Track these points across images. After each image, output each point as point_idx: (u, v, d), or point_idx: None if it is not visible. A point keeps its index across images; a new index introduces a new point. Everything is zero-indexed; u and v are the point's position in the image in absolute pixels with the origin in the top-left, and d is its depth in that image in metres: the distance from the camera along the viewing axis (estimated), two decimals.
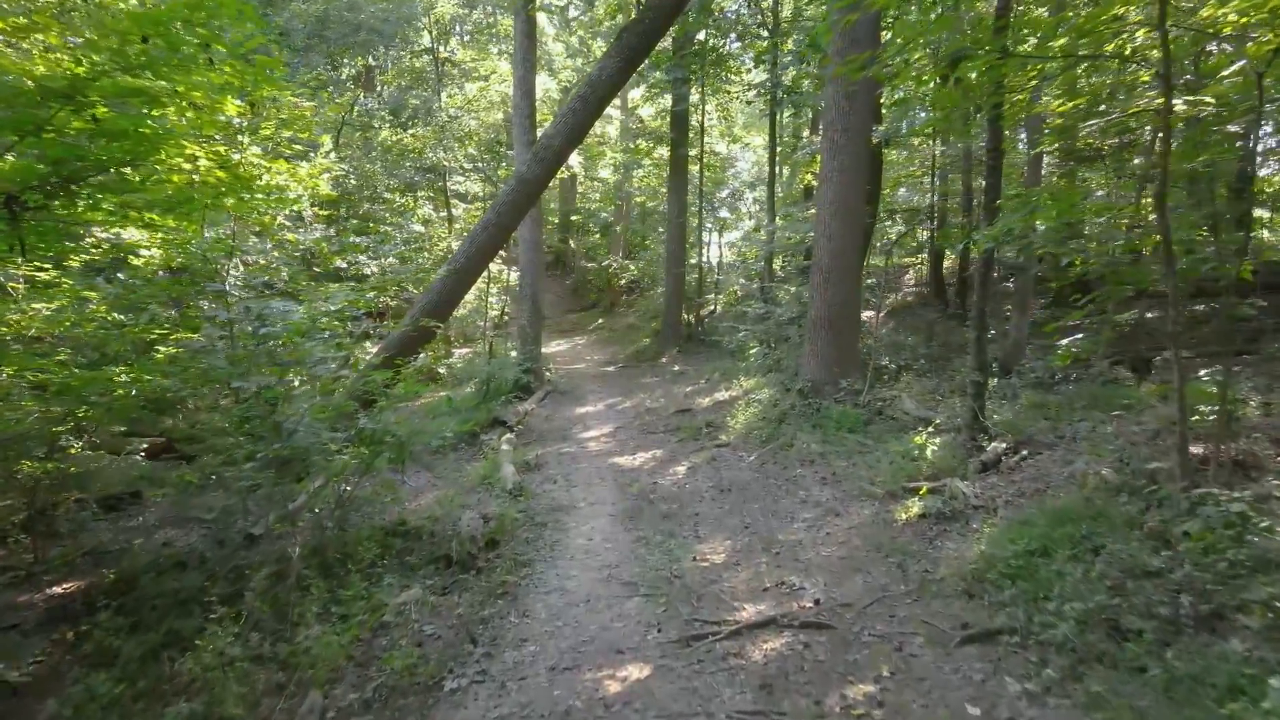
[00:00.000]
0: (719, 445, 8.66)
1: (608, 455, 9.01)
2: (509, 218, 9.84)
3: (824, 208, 8.87)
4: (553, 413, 11.83)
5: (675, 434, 9.69)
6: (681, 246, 18.24)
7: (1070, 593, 3.98)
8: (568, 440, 9.97)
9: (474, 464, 8.99)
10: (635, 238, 25.36)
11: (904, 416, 8.17)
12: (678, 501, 7.08)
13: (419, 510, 7.68)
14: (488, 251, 9.97)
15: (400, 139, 15.90)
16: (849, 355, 8.97)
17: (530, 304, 13.41)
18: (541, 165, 9.73)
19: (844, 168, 8.71)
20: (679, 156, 17.77)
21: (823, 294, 8.88)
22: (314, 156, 11.11)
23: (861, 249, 9.35)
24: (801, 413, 8.66)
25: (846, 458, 7.56)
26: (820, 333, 8.88)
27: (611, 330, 22.45)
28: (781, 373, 11.95)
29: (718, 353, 16.65)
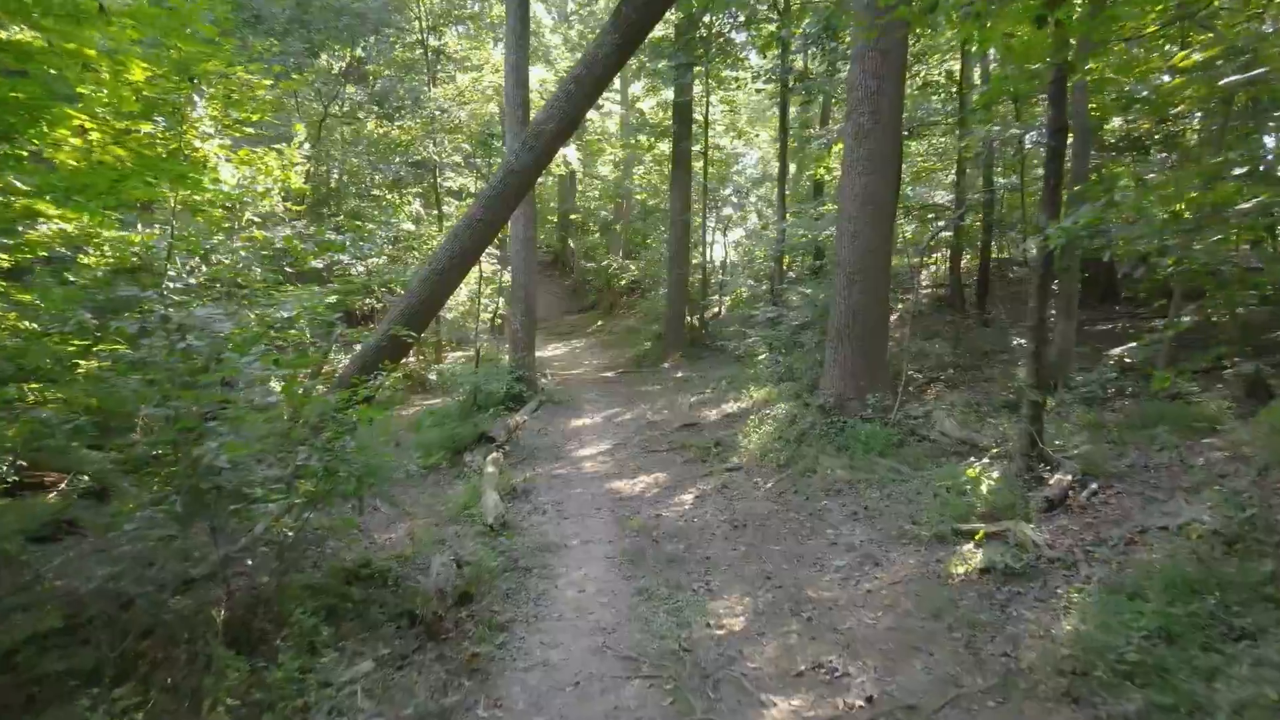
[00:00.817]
0: (731, 469, 7.59)
1: (605, 478, 7.95)
2: (496, 212, 8.78)
3: (848, 201, 7.81)
4: (546, 426, 10.77)
5: (681, 453, 8.63)
6: (685, 245, 17.18)
7: (1226, 704, 2.92)
8: (561, 459, 8.91)
9: (455, 488, 7.95)
10: (636, 237, 24.31)
11: (941, 438, 7.11)
12: (685, 540, 6.02)
13: (389, 546, 6.67)
14: (473, 250, 8.91)
15: (387, 131, 14.83)
16: (876, 367, 7.92)
17: (523, 307, 12.35)
18: (532, 154, 8.67)
19: (871, 155, 7.65)
20: (682, 150, 16.70)
21: (846, 298, 7.82)
22: (285, 147, 10.13)
23: (890, 247, 8.29)
24: (823, 432, 7.60)
25: (879, 487, 6.50)
26: (844, 341, 7.82)
27: (611, 333, 21.40)
28: (795, 382, 10.89)
29: (723, 358, 15.59)
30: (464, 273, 9.22)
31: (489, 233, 8.98)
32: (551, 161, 9.67)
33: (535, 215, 13.26)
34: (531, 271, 12.59)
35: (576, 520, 6.71)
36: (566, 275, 29.36)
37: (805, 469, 7.15)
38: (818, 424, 7.75)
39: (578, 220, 28.15)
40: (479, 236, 8.86)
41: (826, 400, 7.82)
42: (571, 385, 14.52)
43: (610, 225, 25.41)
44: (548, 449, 9.42)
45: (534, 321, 12.69)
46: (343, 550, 6.41)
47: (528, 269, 12.45)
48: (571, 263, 29.09)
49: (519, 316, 12.34)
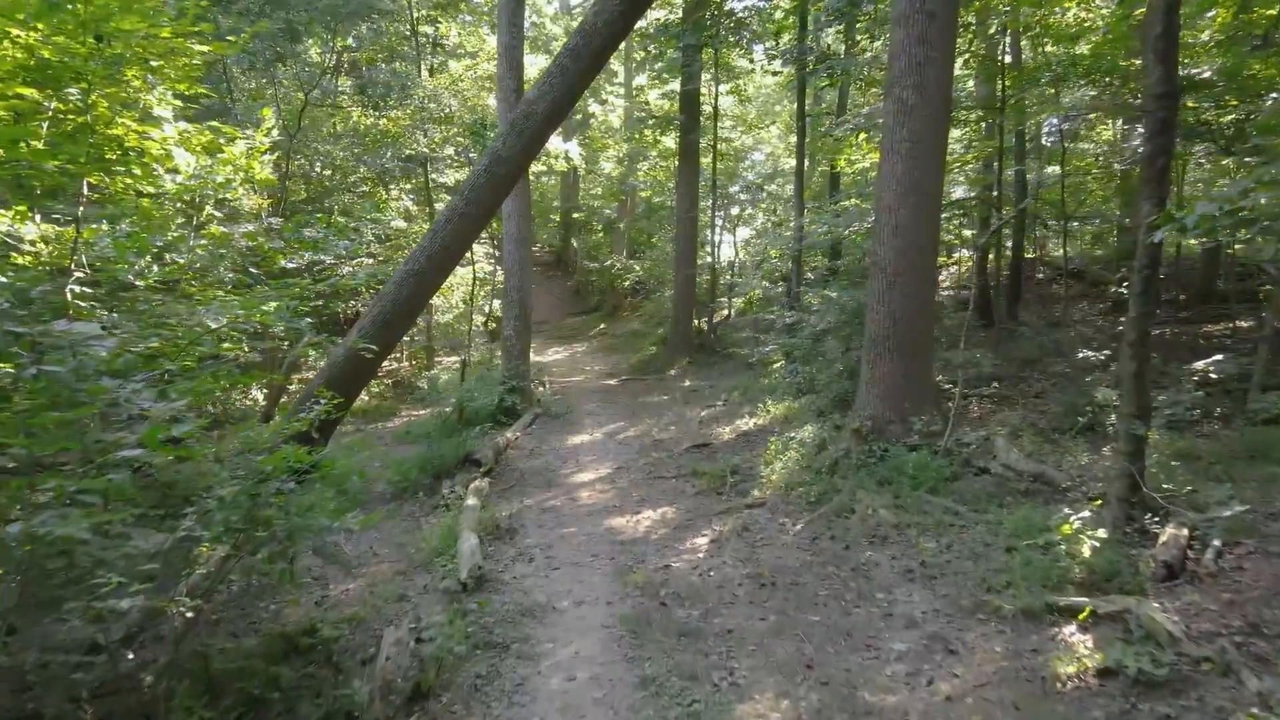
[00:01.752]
0: (751, 505, 6.38)
1: (604, 513, 6.76)
2: (482, 205, 7.60)
3: (888, 190, 6.60)
4: (540, 444, 9.58)
5: (691, 481, 7.43)
6: (692, 244, 15.98)
7: None
8: (555, 487, 7.71)
9: (432, 520, 6.78)
10: (640, 236, 23.11)
11: (1005, 472, 5.89)
12: (700, 604, 4.82)
13: (345, 600, 5.53)
14: (455, 248, 7.73)
15: (375, 122, 13.65)
16: (921, 384, 6.71)
17: (517, 311, 11.16)
18: (521, 139, 7.48)
19: (915, 136, 6.44)
20: (689, 143, 15.50)
21: (885, 303, 6.61)
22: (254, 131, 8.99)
23: (937, 244, 7.07)
24: (860, 462, 6.39)
25: (935, 535, 5.29)
26: (883, 355, 6.61)
27: (614, 337, 20.21)
28: (816, 395, 9.69)
29: (734, 365, 14.39)
30: (445, 273, 8.03)
31: (473, 228, 7.79)
32: (544, 145, 8.45)
33: (531, 211, 12.07)
34: (527, 272, 11.41)
35: (568, 571, 5.52)
36: (569, 276, 28.18)
37: (841, 507, 5.94)
38: (853, 451, 6.53)
39: (580, 219, 26.96)
40: (462, 232, 7.68)
41: (862, 423, 6.61)
42: (571, 394, 13.32)
43: (613, 224, 24.21)
44: (540, 473, 8.22)
45: (529, 327, 11.50)
46: (287, 607, 5.27)
47: (522, 269, 11.26)
48: (574, 263, 27.90)
49: (512, 321, 11.16)
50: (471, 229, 7.75)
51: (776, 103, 23.99)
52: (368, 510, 7.82)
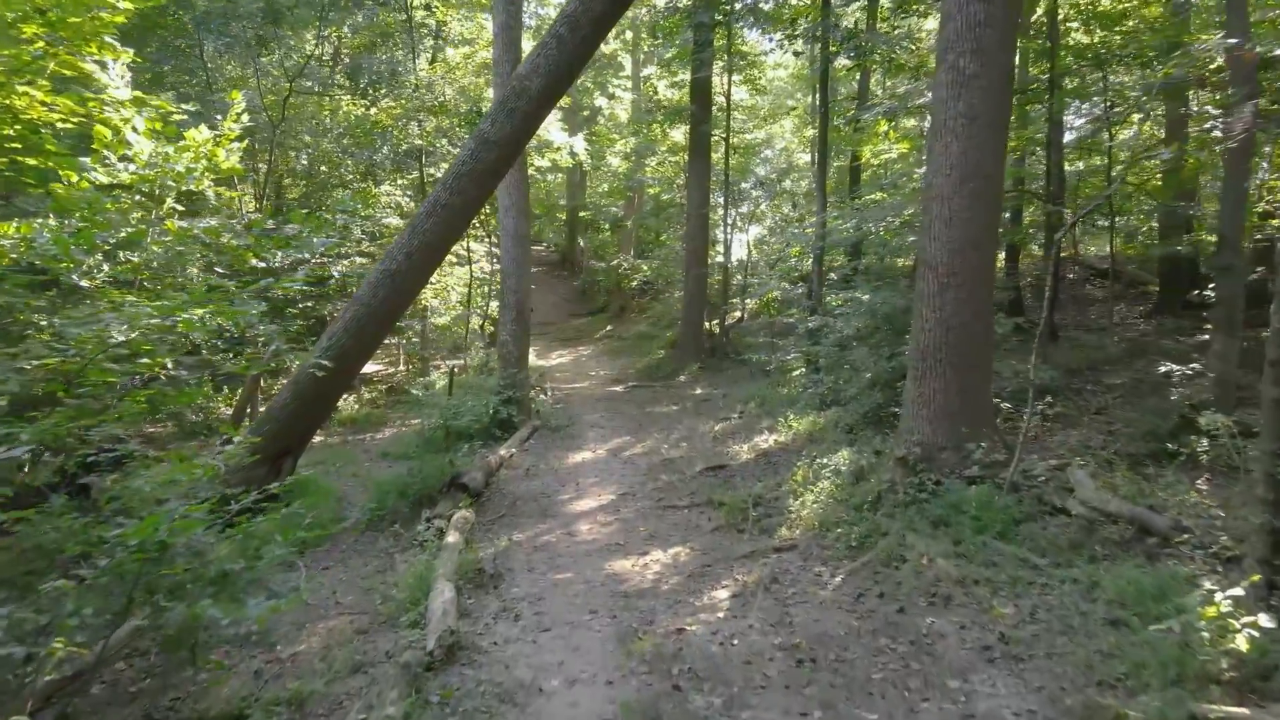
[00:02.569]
0: (780, 547, 5.35)
1: (606, 553, 5.74)
2: (468, 195, 6.59)
3: (940, 175, 5.55)
4: (538, 462, 8.57)
5: (707, 513, 6.41)
6: (704, 242, 14.96)
7: None
8: (550, 516, 6.71)
9: (405, 562, 5.79)
10: (648, 234, 22.08)
11: (1089, 513, 4.83)
12: (723, 687, 3.79)
13: (291, 671, 4.54)
14: (437, 244, 6.73)
15: (368, 109, 12.66)
16: (978, 404, 5.66)
17: (514, 314, 10.16)
18: (513, 119, 6.48)
19: (974, 111, 5.39)
20: (701, 135, 14.47)
21: (937, 308, 5.56)
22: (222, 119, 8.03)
23: (997, 239, 6.01)
24: (909, 497, 5.35)
25: (1012, 596, 4.26)
26: (934, 368, 5.56)
27: (621, 339, 19.19)
28: (842, 408, 8.66)
29: (747, 371, 13.35)
30: (426, 273, 7.03)
31: (459, 221, 6.80)
32: (540, 127, 7.42)
33: (531, 207, 11.06)
34: (526, 272, 10.41)
35: (561, 634, 4.50)
36: (575, 276, 27.17)
37: (889, 554, 4.90)
38: (898, 484, 5.49)
39: (586, 218, 25.94)
40: (445, 227, 6.68)
41: (909, 449, 5.56)
42: (574, 403, 12.32)
43: (620, 222, 23.18)
44: (536, 499, 7.22)
45: (528, 331, 10.50)
46: (214, 685, 4.28)
47: (520, 268, 10.26)
48: (580, 263, 26.89)
49: (509, 325, 10.16)
50: (457, 223, 6.75)
51: (789, 96, 22.93)
52: (335, 547, 6.87)
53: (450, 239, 6.90)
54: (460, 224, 6.83)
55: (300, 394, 6.79)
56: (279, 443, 6.88)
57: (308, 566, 6.09)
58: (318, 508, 7.36)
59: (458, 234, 6.99)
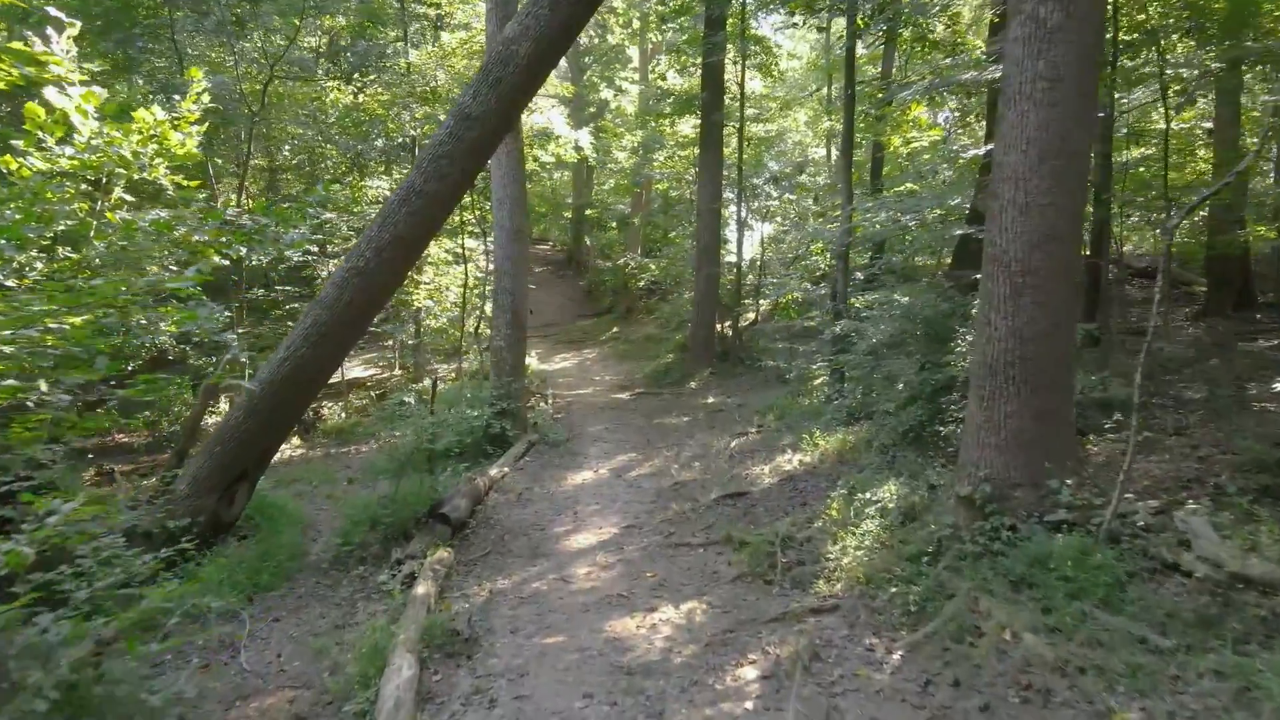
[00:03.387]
0: (820, 608, 4.31)
1: (606, 607, 4.73)
2: (446, 180, 5.58)
3: (1014, 151, 4.50)
4: (533, 484, 7.57)
5: (726, 554, 5.38)
6: (715, 240, 13.94)
7: None
8: (542, 556, 5.69)
9: (367, 615, 4.81)
10: (656, 232, 21.04)
11: (1212, 571, 3.77)
12: None
13: None
14: (412, 238, 5.73)
15: (354, 100, 11.67)
16: (1060, 430, 4.60)
17: (509, 316, 9.16)
18: (497, 90, 5.47)
19: (1058, 72, 4.35)
20: (713, 125, 13.43)
21: (1009, 315, 4.51)
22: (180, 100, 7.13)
23: (1081, 230, 4.95)
24: (979, 547, 4.30)
25: (1135, 691, 3.22)
26: (1006, 388, 4.51)
27: (628, 342, 18.18)
28: (875, 423, 7.63)
29: (763, 377, 12.33)
30: (400, 271, 6.02)
31: (437, 211, 5.79)
32: (529, 99, 6.37)
33: (528, 199, 10.06)
34: (522, 270, 9.41)
35: None
36: (581, 275, 26.15)
37: (959, 623, 3.86)
38: (963, 529, 4.45)
39: (593, 216, 24.93)
40: (421, 217, 5.68)
41: (975, 486, 4.51)
42: (576, 413, 11.31)
43: (627, 219, 22.15)
44: (527, 532, 6.21)
45: (524, 336, 9.50)
46: None
47: (517, 267, 9.26)
48: (586, 262, 25.87)
49: (503, 329, 9.15)
50: (434, 212, 5.74)
51: (803, 89, 21.83)
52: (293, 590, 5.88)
53: (428, 231, 5.89)
54: (439, 214, 5.82)
55: (254, 411, 5.81)
56: (231, 467, 5.90)
57: (255, 617, 5.10)
58: (280, 540, 6.41)
59: (436, 225, 5.98)
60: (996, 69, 6.95)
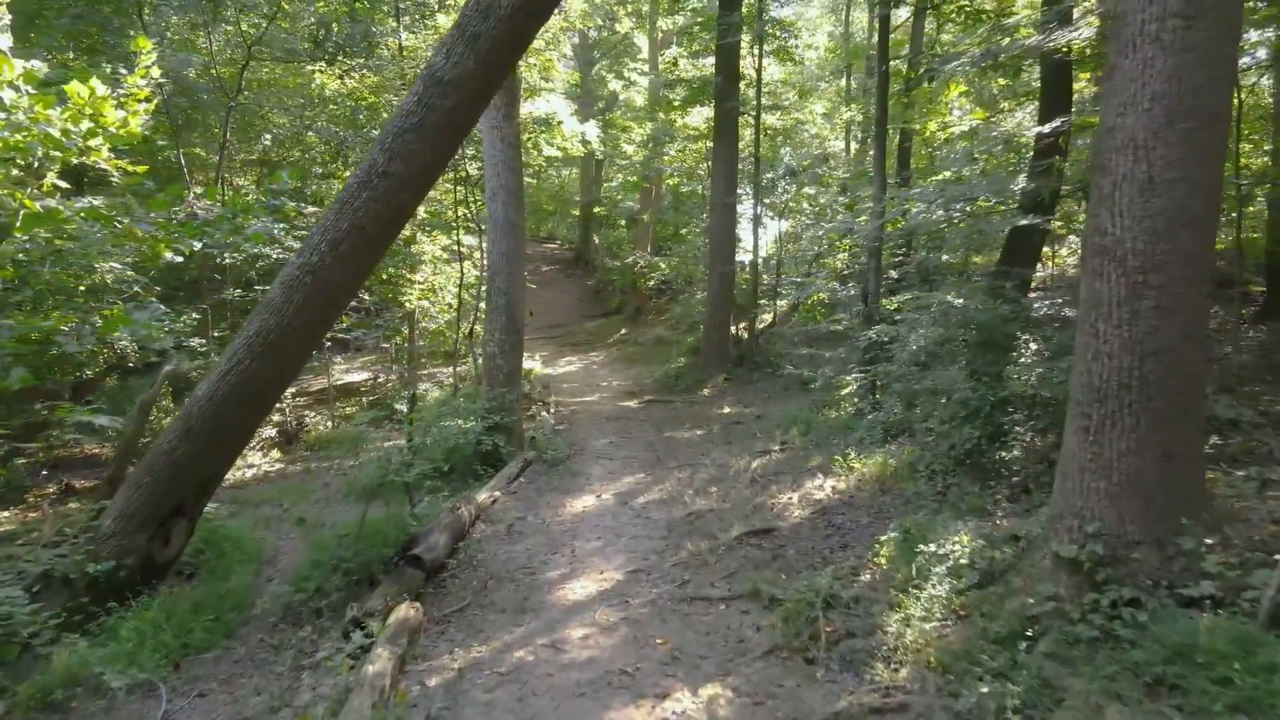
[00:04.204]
0: (880, 709, 3.26)
1: (604, 689, 3.71)
2: (415, 160, 4.58)
3: (1130, 111, 3.46)
4: (525, 514, 6.56)
5: (752, 612, 4.36)
6: (730, 236, 12.91)
7: None
8: (530, 612, 4.67)
9: (309, 690, 3.83)
10: (666, 229, 20.00)
11: None
12: None
13: None
14: (376, 229, 4.72)
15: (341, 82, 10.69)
16: (1188, 470, 3.54)
17: (504, 319, 8.16)
18: (475, 49, 4.46)
19: (1193, 8, 3.28)
20: (727, 112, 12.38)
21: (1124, 321, 3.47)
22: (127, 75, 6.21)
23: (1218, 213, 3.88)
24: (1092, 627, 3.25)
25: None
26: (1120, 415, 3.47)
27: (637, 344, 17.16)
28: (918, 442, 6.60)
29: (782, 384, 11.29)
30: (362, 267, 5.01)
31: (404, 197, 4.78)
32: (516, 60, 5.28)
33: (523, 187, 9.06)
34: (518, 268, 8.41)
35: None
36: (590, 275, 25.14)
37: None
38: (1068, 601, 3.39)
39: (601, 213, 23.90)
40: (386, 204, 4.68)
41: (1081, 544, 3.46)
42: (579, 424, 10.31)
43: (636, 216, 21.12)
44: (514, 578, 5.20)
45: (520, 342, 8.49)
46: None
47: (512, 265, 8.26)
48: (595, 261, 24.86)
49: (497, 334, 8.16)
50: (401, 199, 4.73)
51: (819, 79, 20.72)
52: (231, 651, 4.90)
53: (394, 221, 4.88)
54: (407, 201, 4.81)
55: (191, 434, 4.84)
56: (164, 500, 4.94)
57: (177, 691, 4.13)
58: (227, 583, 5.44)
59: (404, 214, 4.97)
60: (1066, 32, 5.87)
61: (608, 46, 23.70)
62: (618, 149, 20.24)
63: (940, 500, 5.51)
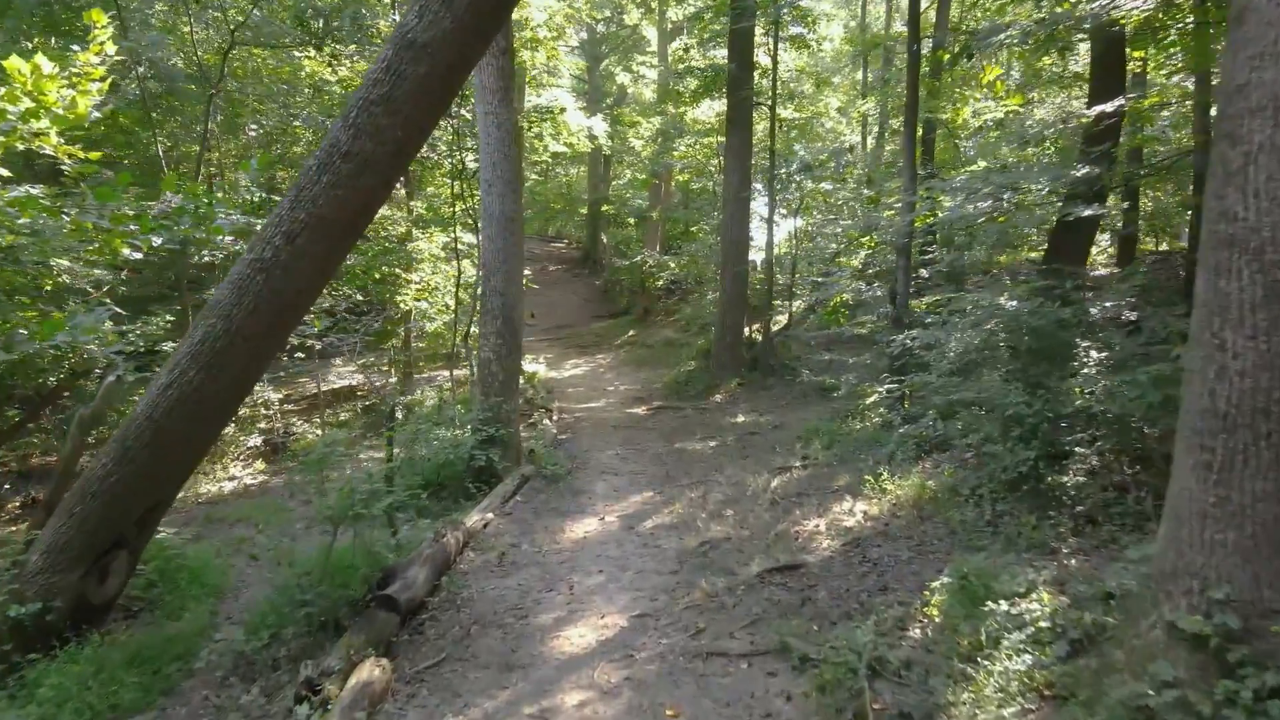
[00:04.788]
0: None
1: None
2: (382, 138, 3.88)
3: (1267, 65, 2.71)
4: (519, 540, 5.85)
5: (780, 674, 3.62)
6: (744, 233, 12.19)
7: None
8: (517, 669, 3.96)
9: None
10: (676, 227, 19.25)
11: None
12: None
13: None
14: (340, 219, 4.02)
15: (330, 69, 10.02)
16: None
17: (499, 323, 7.46)
18: (453, 8, 3.75)
19: None
20: (741, 102, 11.65)
21: (1258, 330, 2.73)
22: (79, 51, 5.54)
23: None
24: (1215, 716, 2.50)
25: None
26: (1253, 450, 2.72)
27: (646, 346, 16.44)
28: (959, 461, 5.88)
29: (800, 390, 10.55)
30: (324, 264, 4.30)
31: (372, 181, 4.07)
32: (501, 22, 4.52)
33: (520, 178, 8.37)
34: (516, 269, 7.71)
35: None
36: (598, 274, 24.43)
37: None
38: (1189, 687, 2.64)
39: (610, 211, 23.19)
40: (349, 191, 3.98)
41: (1197, 607, 2.72)
42: (583, 433, 9.61)
43: (645, 214, 20.38)
44: (501, 624, 4.48)
45: (519, 347, 7.79)
46: None
47: (509, 263, 7.55)
48: (603, 260, 24.14)
49: (492, 338, 7.46)
50: (368, 182, 4.02)
51: (835, 73, 19.92)
52: (170, 709, 4.20)
53: (362, 210, 4.17)
54: (376, 186, 4.09)
55: (129, 458, 4.16)
56: (100, 533, 4.27)
57: None
58: (178, 624, 4.76)
59: (374, 201, 4.25)
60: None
61: (616, 41, 22.99)
62: (625, 144, 19.51)
63: (991, 531, 4.77)
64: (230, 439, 9.51)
